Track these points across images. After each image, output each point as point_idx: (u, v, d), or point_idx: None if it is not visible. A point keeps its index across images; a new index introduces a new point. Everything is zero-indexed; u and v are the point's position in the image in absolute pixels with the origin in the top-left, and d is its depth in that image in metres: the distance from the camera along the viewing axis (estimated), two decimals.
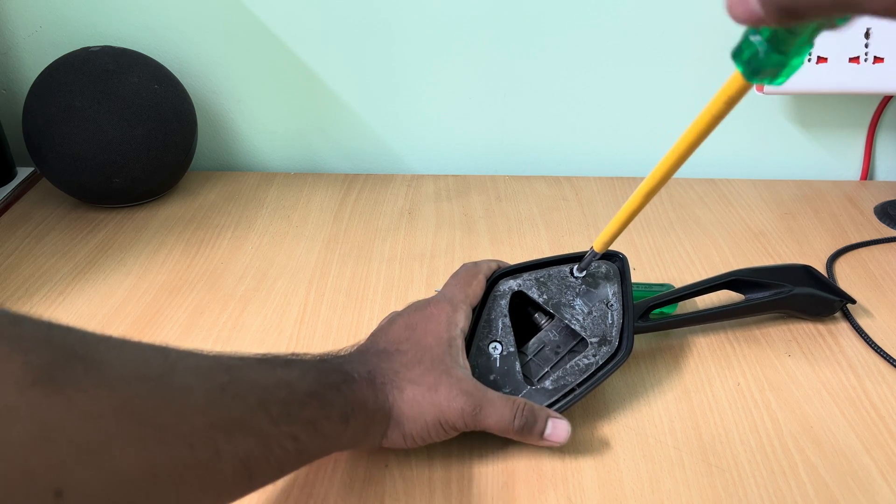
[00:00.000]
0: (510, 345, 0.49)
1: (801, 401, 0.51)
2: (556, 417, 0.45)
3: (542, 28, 0.80)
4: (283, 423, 0.36)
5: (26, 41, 0.82)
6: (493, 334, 0.49)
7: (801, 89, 0.76)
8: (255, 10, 0.80)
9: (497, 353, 0.49)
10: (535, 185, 0.82)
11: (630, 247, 0.69)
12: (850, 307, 0.60)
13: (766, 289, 0.56)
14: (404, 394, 0.43)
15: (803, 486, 0.44)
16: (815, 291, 0.57)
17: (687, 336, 0.57)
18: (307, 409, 0.37)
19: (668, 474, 0.45)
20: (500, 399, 0.44)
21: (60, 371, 0.27)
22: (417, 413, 0.43)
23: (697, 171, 0.86)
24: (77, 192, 0.74)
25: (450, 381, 0.44)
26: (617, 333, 0.50)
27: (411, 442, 0.44)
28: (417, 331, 0.46)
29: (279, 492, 0.44)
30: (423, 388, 0.43)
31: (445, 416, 0.43)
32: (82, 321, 0.59)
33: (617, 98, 0.83)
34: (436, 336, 0.46)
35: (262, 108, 0.85)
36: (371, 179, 0.84)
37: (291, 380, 0.38)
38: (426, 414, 0.43)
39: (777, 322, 0.59)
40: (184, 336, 0.58)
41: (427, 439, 0.44)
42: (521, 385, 0.47)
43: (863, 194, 0.79)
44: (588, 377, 0.48)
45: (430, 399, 0.43)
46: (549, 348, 0.50)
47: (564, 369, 0.48)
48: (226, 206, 0.78)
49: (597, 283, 0.52)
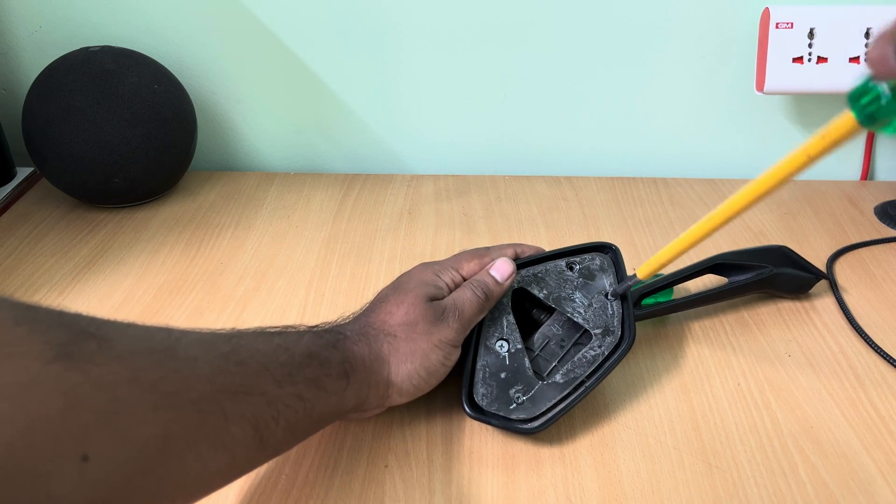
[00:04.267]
0: (517, 342, 0.49)
1: (801, 401, 0.51)
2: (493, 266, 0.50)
3: (542, 28, 0.80)
4: (287, 384, 0.38)
5: (26, 41, 0.82)
6: (499, 332, 0.49)
7: (801, 89, 0.76)
8: (254, 10, 0.80)
9: (504, 350, 0.49)
10: (535, 185, 0.82)
11: (630, 247, 0.69)
12: (851, 307, 0.60)
13: (748, 271, 0.59)
14: (396, 336, 0.45)
15: (803, 486, 0.44)
16: (793, 271, 0.60)
17: (687, 336, 0.57)
18: (307, 368, 0.39)
19: (668, 474, 0.45)
20: (462, 293, 0.48)
21: (76, 348, 0.29)
22: (412, 348, 0.45)
23: (697, 171, 0.86)
24: (77, 192, 0.74)
25: (433, 308, 0.46)
26: (619, 323, 0.50)
27: (418, 380, 0.45)
28: (400, 281, 0.49)
29: (279, 492, 0.44)
30: (411, 325, 0.45)
31: (439, 338, 0.45)
32: None
33: (617, 98, 0.83)
34: (416, 280, 0.48)
35: (262, 108, 0.85)
36: (371, 179, 0.84)
37: (289, 344, 0.40)
38: (421, 344, 0.45)
39: (777, 322, 0.59)
40: None
41: (432, 370, 0.45)
42: (533, 381, 0.48)
43: (863, 194, 0.79)
44: (596, 368, 0.48)
45: (420, 329, 0.45)
46: (554, 342, 0.51)
47: (573, 362, 0.49)
48: (226, 206, 0.78)
49: (593, 275, 0.53)
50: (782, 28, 0.73)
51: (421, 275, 0.49)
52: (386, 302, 0.47)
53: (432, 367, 0.45)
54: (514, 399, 0.47)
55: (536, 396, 0.47)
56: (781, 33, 0.73)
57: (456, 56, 0.81)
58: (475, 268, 0.51)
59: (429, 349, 0.45)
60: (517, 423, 0.46)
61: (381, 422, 0.49)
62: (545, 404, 0.47)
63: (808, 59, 0.74)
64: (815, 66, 0.74)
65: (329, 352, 0.41)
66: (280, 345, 0.39)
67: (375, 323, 0.46)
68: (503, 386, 0.47)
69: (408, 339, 0.45)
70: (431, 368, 0.45)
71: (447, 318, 0.46)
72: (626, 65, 0.81)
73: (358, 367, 0.42)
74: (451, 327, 0.46)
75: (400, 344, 0.45)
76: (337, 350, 0.42)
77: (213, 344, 0.36)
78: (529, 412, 0.46)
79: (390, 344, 0.45)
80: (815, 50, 0.74)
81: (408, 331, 0.45)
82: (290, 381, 0.38)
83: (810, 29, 0.73)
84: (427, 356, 0.45)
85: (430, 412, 0.50)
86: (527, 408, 0.47)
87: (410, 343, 0.45)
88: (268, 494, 0.44)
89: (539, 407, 0.47)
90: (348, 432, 0.48)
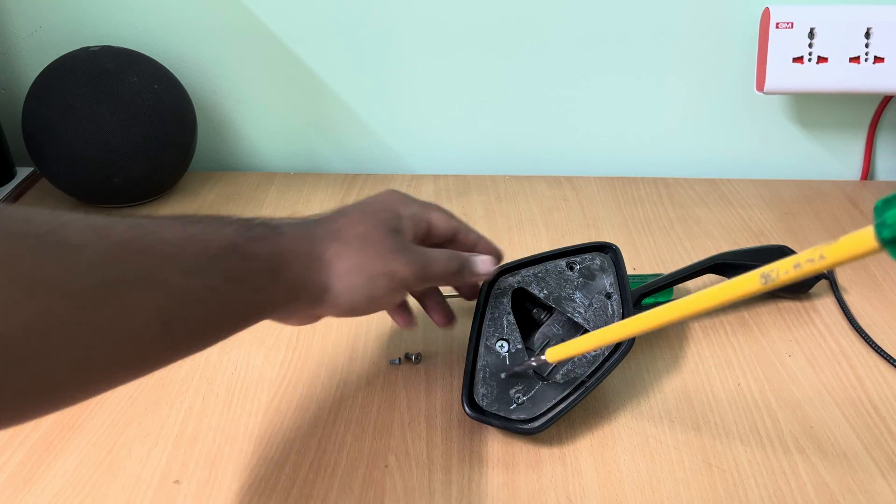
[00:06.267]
0: (517, 342, 0.49)
1: (801, 401, 0.51)
2: (480, 257, 0.48)
3: (542, 28, 0.80)
4: (197, 276, 0.34)
5: (26, 41, 0.82)
6: (499, 332, 0.50)
7: (801, 89, 0.76)
8: (255, 10, 0.80)
9: (504, 350, 0.49)
10: (535, 185, 0.82)
11: (630, 247, 0.69)
12: (851, 307, 0.60)
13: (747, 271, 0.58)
14: (348, 245, 0.42)
15: (804, 486, 0.44)
16: None
17: (687, 336, 0.57)
18: (225, 261, 0.36)
19: (668, 474, 0.45)
20: (438, 252, 0.46)
21: None
22: (363, 262, 0.42)
23: (697, 171, 0.86)
24: (77, 191, 0.74)
25: (397, 238, 0.44)
26: None
27: (358, 297, 0.42)
28: (366, 202, 0.47)
29: (278, 491, 0.44)
30: (368, 242, 0.42)
31: (394, 268, 0.42)
32: None
33: (617, 98, 0.83)
34: (386, 208, 0.46)
35: (262, 108, 0.85)
36: (371, 179, 0.84)
37: (206, 235, 0.36)
38: (373, 264, 0.42)
39: (777, 322, 0.59)
40: None
41: (375, 296, 0.42)
42: (534, 381, 0.48)
43: (863, 194, 0.79)
44: (596, 368, 0.48)
45: (376, 250, 0.42)
46: (555, 342, 0.51)
47: (573, 362, 0.49)
48: (226, 206, 0.78)
49: (593, 275, 0.52)
50: (782, 28, 0.73)
51: (392, 205, 0.46)
52: (345, 214, 0.44)
53: (377, 292, 0.42)
54: (515, 399, 0.47)
55: (537, 396, 0.47)
56: (782, 33, 0.73)
57: (456, 56, 0.81)
58: (445, 232, 0.49)
59: (378, 273, 0.42)
60: (518, 424, 0.46)
61: (381, 422, 0.49)
62: (545, 404, 0.47)
63: (808, 59, 0.74)
64: (815, 65, 0.74)
65: (255, 245, 0.38)
66: (195, 235, 0.35)
67: (327, 228, 0.43)
68: (503, 386, 0.47)
69: (360, 251, 0.42)
70: (375, 293, 0.42)
71: (409, 257, 0.43)
72: (627, 65, 0.81)
73: (291, 262, 0.39)
74: (410, 266, 0.43)
75: (350, 253, 0.41)
76: (266, 243, 0.38)
77: (108, 229, 0.32)
78: (530, 412, 0.46)
79: (337, 250, 0.41)
80: (815, 50, 0.74)
81: (362, 245, 0.42)
82: (200, 272, 0.34)
83: (811, 29, 0.73)
84: (375, 279, 0.42)
85: (430, 412, 0.50)
86: (527, 408, 0.47)
87: (361, 256, 0.42)
88: (268, 494, 0.44)
89: (539, 407, 0.47)
90: (348, 432, 0.48)
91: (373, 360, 0.55)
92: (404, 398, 0.51)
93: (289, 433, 0.48)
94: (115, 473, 0.46)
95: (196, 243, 0.35)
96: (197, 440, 0.48)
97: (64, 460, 0.46)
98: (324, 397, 0.51)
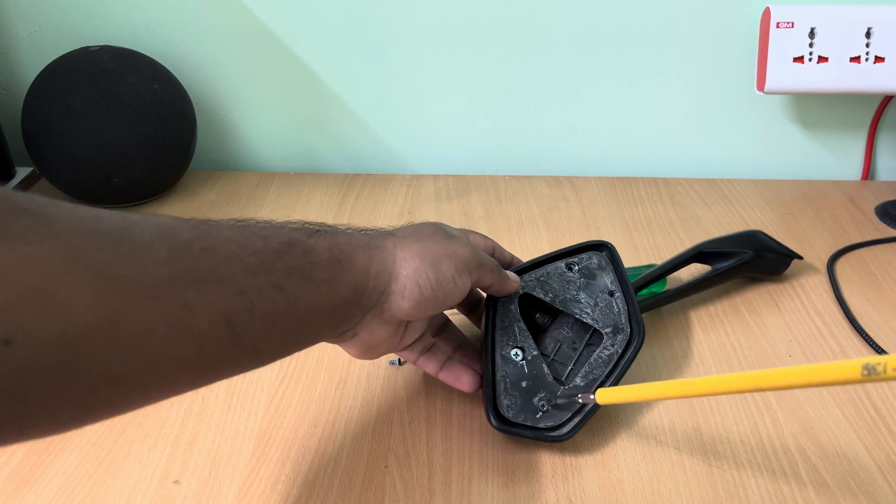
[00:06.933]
0: (532, 348, 0.49)
1: (801, 401, 0.51)
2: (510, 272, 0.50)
3: (543, 28, 0.80)
4: (262, 273, 0.34)
5: (26, 41, 0.82)
6: (513, 341, 0.49)
7: (801, 89, 0.76)
8: (254, 10, 0.80)
9: (520, 359, 0.48)
10: (535, 185, 0.82)
11: (630, 246, 0.69)
12: (851, 307, 0.60)
13: (729, 257, 0.61)
14: (406, 238, 0.43)
15: (804, 486, 0.44)
16: (770, 253, 0.62)
17: (687, 336, 0.57)
18: (287, 256, 0.36)
19: (668, 475, 0.45)
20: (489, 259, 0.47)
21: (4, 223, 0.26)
22: (424, 248, 0.42)
23: (697, 171, 0.86)
24: (76, 192, 0.74)
25: (449, 233, 0.46)
26: (626, 320, 0.50)
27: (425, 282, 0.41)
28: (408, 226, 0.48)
29: (278, 491, 0.44)
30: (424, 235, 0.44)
31: (454, 249, 0.43)
32: None
33: (617, 98, 0.83)
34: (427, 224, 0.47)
35: (262, 108, 0.85)
36: (371, 179, 0.84)
37: (266, 233, 0.36)
38: (434, 249, 0.42)
39: (778, 322, 0.59)
40: None
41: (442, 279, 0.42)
42: (554, 386, 0.47)
43: (863, 194, 0.79)
44: (613, 367, 0.48)
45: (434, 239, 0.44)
46: (567, 345, 0.50)
47: (589, 363, 0.48)
48: (225, 206, 0.78)
49: (593, 274, 0.52)
50: (783, 28, 0.73)
51: (435, 224, 0.48)
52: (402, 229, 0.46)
53: (443, 275, 0.42)
54: (539, 407, 0.46)
55: (560, 402, 0.47)
56: (782, 33, 0.73)
57: (456, 56, 0.81)
58: (484, 249, 0.51)
59: (441, 255, 0.42)
60: (546, 432, 0.46)
61: (382, 422, 0.49)
62: (570, 409, 0.46)
63: (808, 59, 0.74)
64: (815, 65, 0.74)
65: (316, 239, 0.38)
66: (255, 233, 0.35)
67: (379, 231, 0.43)
68: (526, 395, 0.47)
69: (418, 242, 0.42)
70: (442, 277, 0.42)
71: (465, 243, 0.45)
72: (627, 64, 0.81)
73: (353, 253, 0.39)
74: (468, 248, 0.44)
75: (409, 243, 0.42)
76: (326, 237, 0.38)
77: (174, 230, 0.32)
78: (556, 419, 0.46)
79: (395, 241, 0.42)
80: (815, 49, 0.74)
81: (419, 238, 0.43)
82: (265, 269, 0.34)
83: (811, 28, 0.73)
84: (439, 261, 0.42)
85: (430, 412, 0.50)
86: (553, 415, 0.46)
87: (421, 245, 0.42)
88: (268, 495, 0.44)
89: (564, 413, 0.46)
90: (348, 432, 0.48)
91: (373, 360, 0.55)
92: (404, 398, 0.51)
93: (289, 433, 0.48)
94: (115, 473, 0.46)
95: (257, 241, 0.35)
96: (197, 440, 0.48)
97: (63, 460, 0.46)
98: (324, 397, 0.51)
